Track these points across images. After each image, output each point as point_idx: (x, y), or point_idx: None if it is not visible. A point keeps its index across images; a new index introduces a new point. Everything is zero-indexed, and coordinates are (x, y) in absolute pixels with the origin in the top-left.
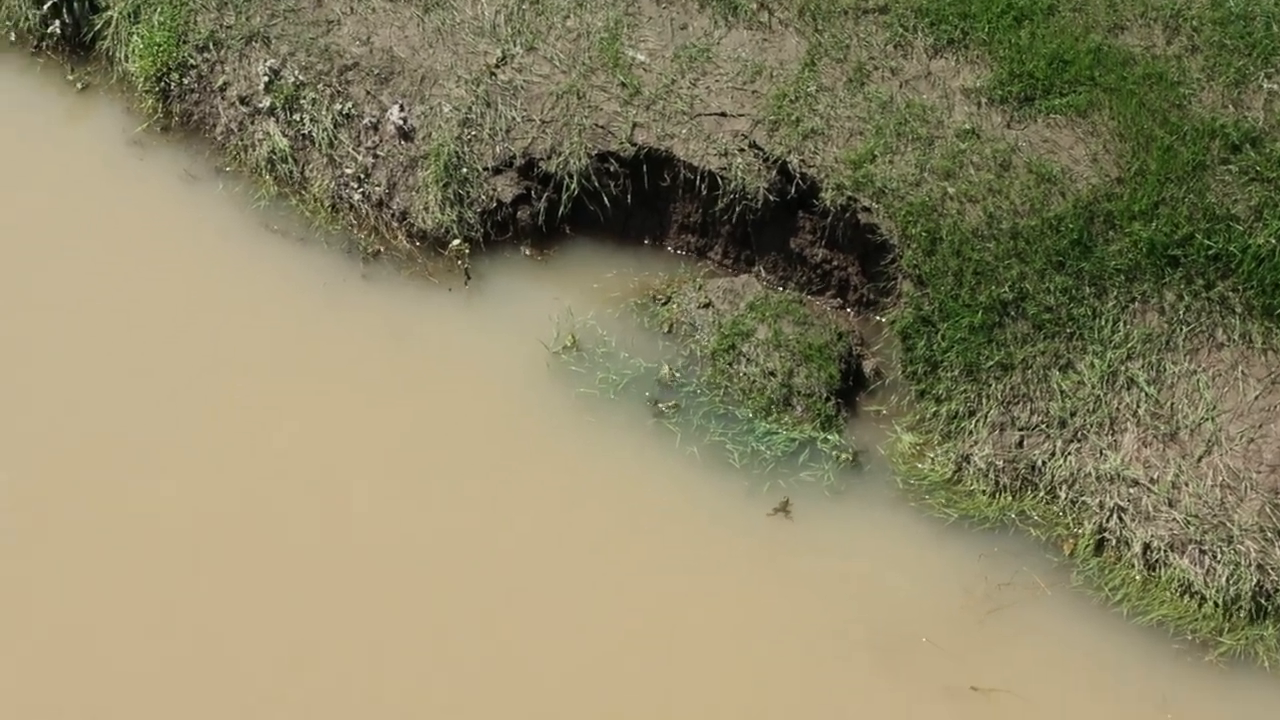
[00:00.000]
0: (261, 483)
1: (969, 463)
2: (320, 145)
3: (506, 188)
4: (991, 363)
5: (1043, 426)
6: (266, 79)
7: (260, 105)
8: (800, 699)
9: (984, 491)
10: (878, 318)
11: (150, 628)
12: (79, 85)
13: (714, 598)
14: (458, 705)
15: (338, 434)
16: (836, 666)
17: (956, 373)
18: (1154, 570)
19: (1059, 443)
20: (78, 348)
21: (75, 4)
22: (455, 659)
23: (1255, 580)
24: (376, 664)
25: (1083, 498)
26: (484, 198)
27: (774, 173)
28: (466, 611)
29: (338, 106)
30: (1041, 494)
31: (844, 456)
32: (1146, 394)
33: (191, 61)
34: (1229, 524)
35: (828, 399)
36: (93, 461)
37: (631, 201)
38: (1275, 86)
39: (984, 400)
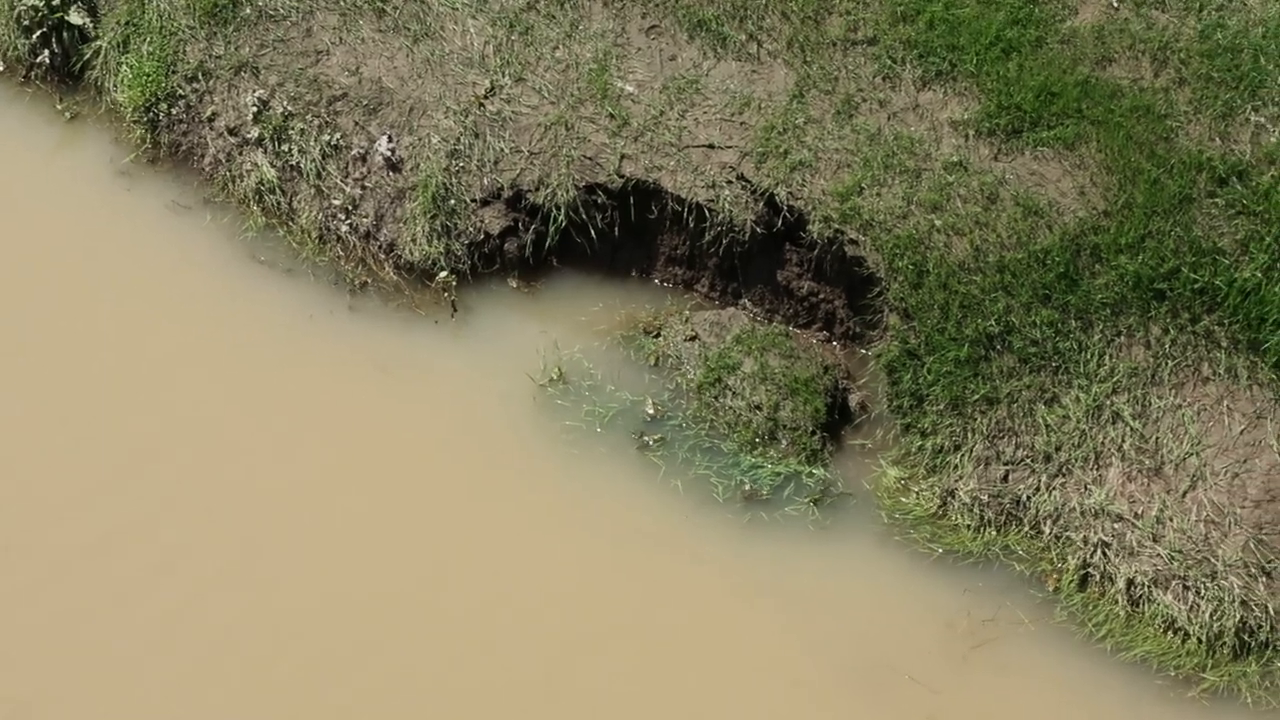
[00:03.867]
0: (244, 515)
1: (954, 497)
2: (308, 176)
3: (494, 219)
4: (977, 396)
5: (1028, 461)
6: (255, 109)
7: (248, 136)
8: None
9: (968, 526)
10: (864, 351)
11: (131, 670)
12: (68, 115)
13: (697, 631)
14: None
15: (323, 467)
16: (819, 701)
17: (942, 407)
18: (1138, 606)
19: (1044, 477)
20: (63, 378)
21: (64, 33)
22: (439, 690)
23: (1239, 616)
24: (359, 696)
25: (1067, 533)
26: (471, 229)
27: (761, 205)
28: (450, 643)
29: (326, 137)
30: (1026, 529)
31: (829, 491)
32: (1131, 428)
33: (180, 92)
34: (1213, 559)
35: (813, 433)
36: (74, 494)
37: (619, 234)
38: (1262, 119)
39: (969, 434)
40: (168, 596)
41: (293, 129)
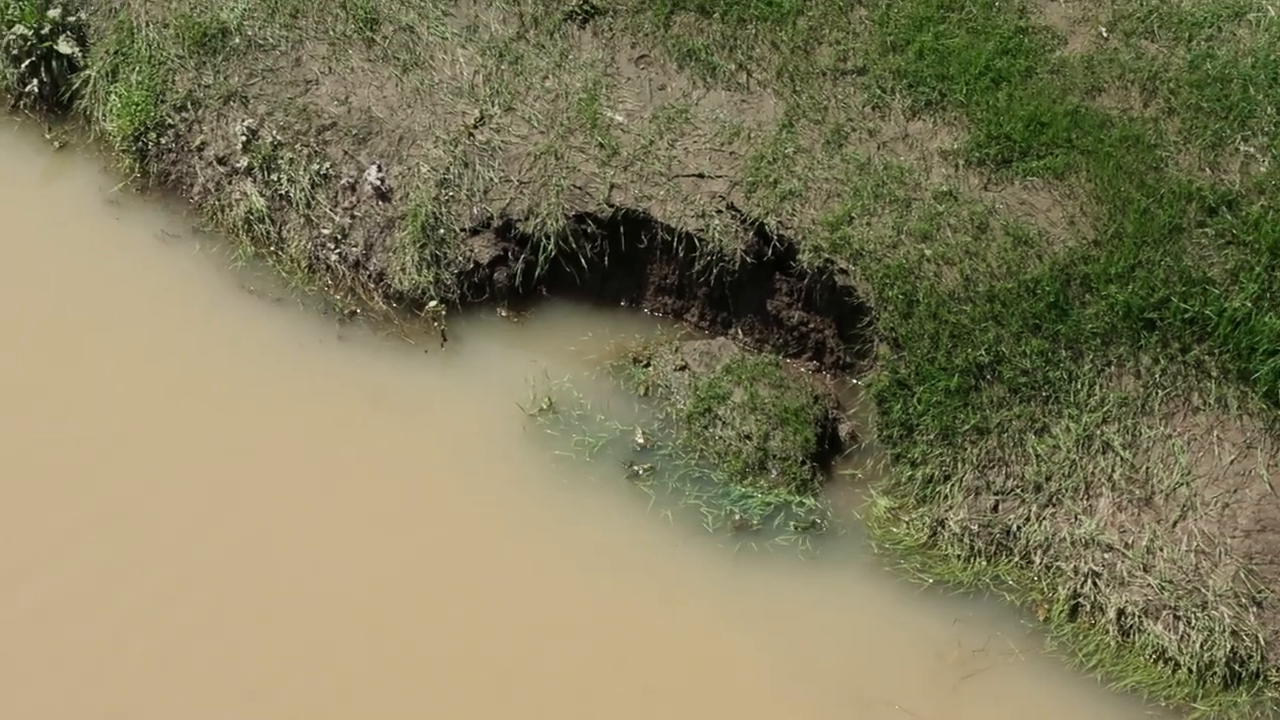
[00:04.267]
0: (236, 546)
1: (944, 527)
2: (297, 205)
3: (484, 249)
4: (967, 426)
5: (1018, 491)
6: (244, 139)
7: (238, 165)
8: None
9: (959, 556)
10: (854, 381)
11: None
12: (56, 144)
13: (687, 662)
14: None
15: (312, 496)
16: None
17: (932, 436)
18: (1128, 636)
19: (1034, 507)
20: (50, 407)
21: (53, 63)
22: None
23: (1229, 646)
24: None
25: (1057, 563)
26: (461, 259)
27: (751, 234)
28: (440, 673)
29: (315, 166)
30: (1016, 559)
31: (819, 521)
32: (1122, 458)
33: (169, 121)
34: (1203, 589)
35: (803, 463)
36: (59, 527)
37: (608, 263)
38: (1251, 149)
39: (959, 464)
40: (154, 624)
41: (282, 158)
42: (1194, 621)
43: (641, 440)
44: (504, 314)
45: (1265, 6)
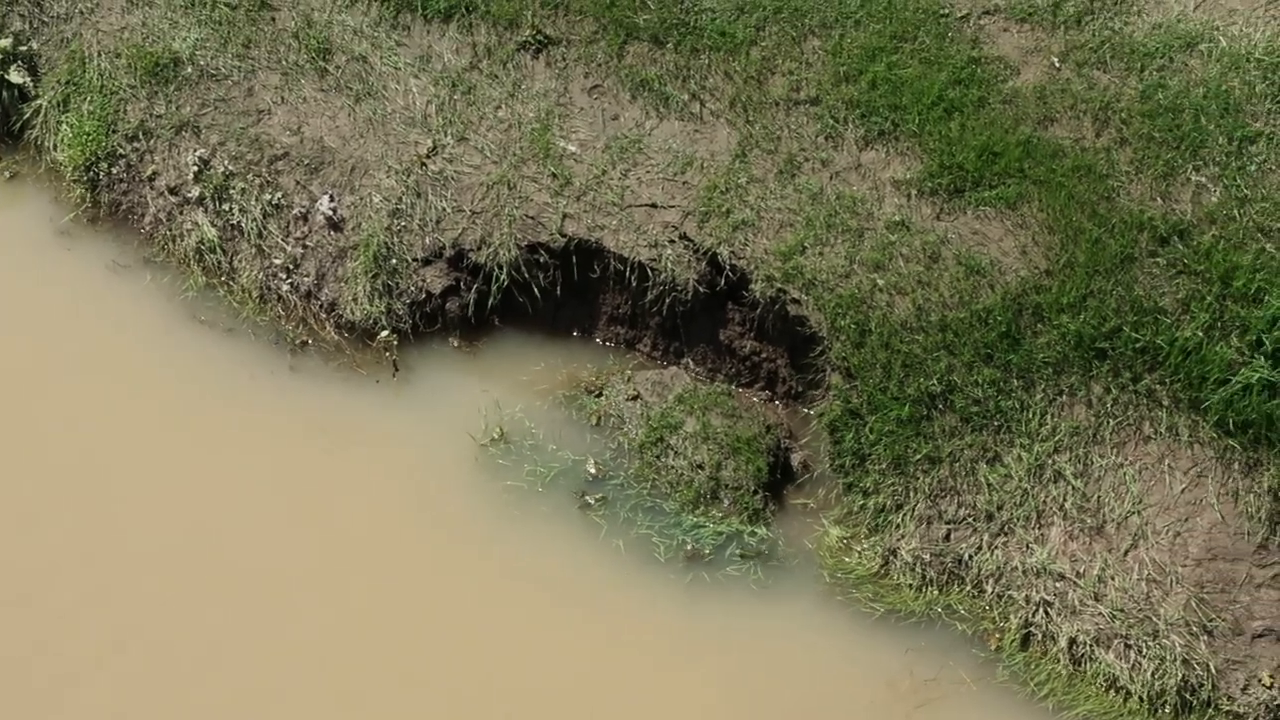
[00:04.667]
0: (186, 575)
1: (896, 556)
2: (249, 235)
3: (436, 279)
4: (919, 456)
5: (970, 520)
6: (196, 169)
7: (189, 195)
8: None
9: (911, 585)
10: (806, 410)
11: None
12: (6, 174)
13: (638, 692)
14: None
15: (265, 527)
16: None
17: (884, 466)
18: (1080, 664)
19: (986, 536)
20: None
21: (4, 92)
22: None
23: (1180, 675)
24: None
25: (1009, 591)
26: (413, 289)
27: (704, 264)
28: (391, 702)
29: (267, 196)
30: (968, 587)
31: (771, 550)
32: (1073, 487)
33: (120, 151)
34: (1155, 618)
35: (755, 492)
36: (11, 560)
37: (561, 293)
38: (1203, 179)
39: (911, 493)
40: (90, 651)
41: (234, 188)
42: (1145, 650)
43: (593, 470)
44: (456, 344)
45: (1217, 37)
